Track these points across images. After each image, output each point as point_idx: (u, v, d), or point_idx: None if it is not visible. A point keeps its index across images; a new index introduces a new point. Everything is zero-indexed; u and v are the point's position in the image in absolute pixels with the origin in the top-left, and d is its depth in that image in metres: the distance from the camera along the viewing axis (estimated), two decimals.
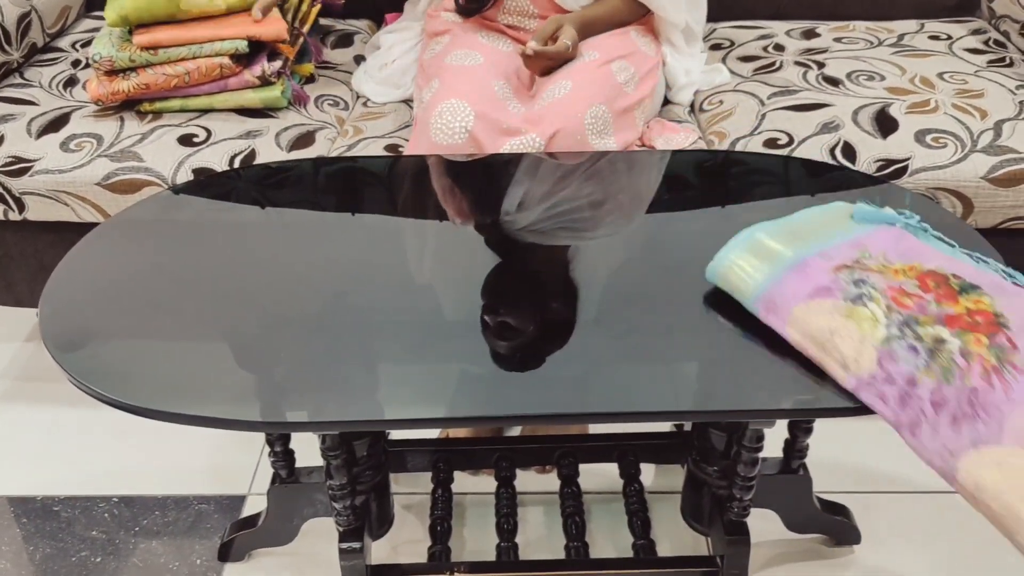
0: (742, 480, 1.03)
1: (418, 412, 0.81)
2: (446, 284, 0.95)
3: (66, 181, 1.30)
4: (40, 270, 1.43)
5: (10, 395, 1.54)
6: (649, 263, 1.01)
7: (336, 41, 1.70)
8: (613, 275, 0.99)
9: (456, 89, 1.23)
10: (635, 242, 1.06)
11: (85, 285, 0.95)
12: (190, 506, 1.32)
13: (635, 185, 1.17)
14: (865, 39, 1.62)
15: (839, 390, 0.79)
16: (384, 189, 1.19)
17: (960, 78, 1.45)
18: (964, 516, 1.27)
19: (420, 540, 1.23)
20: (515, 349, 0.84)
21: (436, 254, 1.03)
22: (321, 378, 0.82)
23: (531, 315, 0.89)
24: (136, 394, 0.80)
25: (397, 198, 1.17)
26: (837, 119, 1.35)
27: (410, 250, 1.04)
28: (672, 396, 0.81)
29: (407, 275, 0.93)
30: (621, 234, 1.08)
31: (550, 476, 1.33)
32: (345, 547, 1.05)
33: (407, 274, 0.93)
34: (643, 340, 0.87)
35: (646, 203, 1.13)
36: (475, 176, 1.19)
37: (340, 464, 1.00)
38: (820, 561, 1.22)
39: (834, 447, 1.38)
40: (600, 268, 1.00)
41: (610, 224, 1.09)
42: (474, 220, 1.09)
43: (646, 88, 1.34)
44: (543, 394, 0.81)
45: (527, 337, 0.86)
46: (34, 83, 1.50)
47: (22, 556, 1.26)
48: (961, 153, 1.27)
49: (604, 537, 1.25)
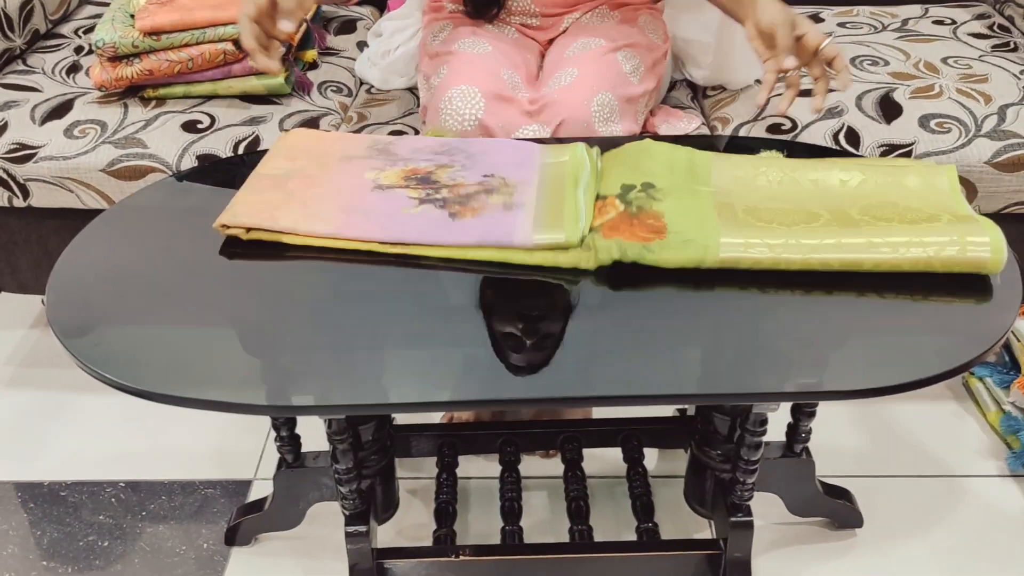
0: (745, 464, 1.03)
1: (423, 396, 0.81)
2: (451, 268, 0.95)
3: (70, 167, 1.30)
4: (44, 256, 1.43)
5: (16, 381, 1.55)
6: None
7: (339, 27, 1.70)
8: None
9: (466, 75, 1.23)
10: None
11: (91, 271, 0.96)
12: (196, 490, 1.33)
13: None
14: (869, 24, 1.61)
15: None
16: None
17: (964, 63, 1.45)
18: (965, 500, 1.28)
19: (425, 524, 1.23)
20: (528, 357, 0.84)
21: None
22: (327, 362, 0.82)
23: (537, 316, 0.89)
24: (143, 378, 0.80)
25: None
26: (841, 104, 1.35)
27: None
28: (675, 380, 0.82)
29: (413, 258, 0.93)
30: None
31: (554, 460, 1.34)
32: (351, 531, 1.06)
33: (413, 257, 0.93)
34: (645, 324, 0.87)
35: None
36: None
37: (346, 448, 1.01)
38: (822, 544, 1.23)
39: (837, 431, 1.39)
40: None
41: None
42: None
43: (651, 81, 1.32)
44: (547, 378, 0.81)
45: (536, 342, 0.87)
46: (37, 69, 1.50)
47: (29, 541, 1.27)
48: (965, 138, 1.27)
49: (608, 521, 1.25)
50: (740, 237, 0.90)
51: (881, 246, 0.88)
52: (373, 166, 1.04)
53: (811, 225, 0.92)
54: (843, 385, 0.80)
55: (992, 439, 1.37)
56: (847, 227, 0.91)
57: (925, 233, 0.89)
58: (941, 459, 1.35)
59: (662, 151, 1.03)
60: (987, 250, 0.87)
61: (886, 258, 0.87)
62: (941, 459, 1.35)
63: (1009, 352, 1.39)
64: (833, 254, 0.88)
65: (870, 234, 0.89)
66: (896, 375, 0.79)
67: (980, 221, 0.90)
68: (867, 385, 0.79)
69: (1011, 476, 1.31)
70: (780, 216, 0.94)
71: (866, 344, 0.84)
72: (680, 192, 0.98)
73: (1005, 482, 1.31)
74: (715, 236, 0.90)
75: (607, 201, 0.97)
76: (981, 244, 0.87)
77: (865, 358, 0.83)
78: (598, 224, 0.94)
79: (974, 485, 1.30)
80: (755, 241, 0.89)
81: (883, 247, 0.88)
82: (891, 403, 1.42)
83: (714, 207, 0.95)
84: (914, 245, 0.87)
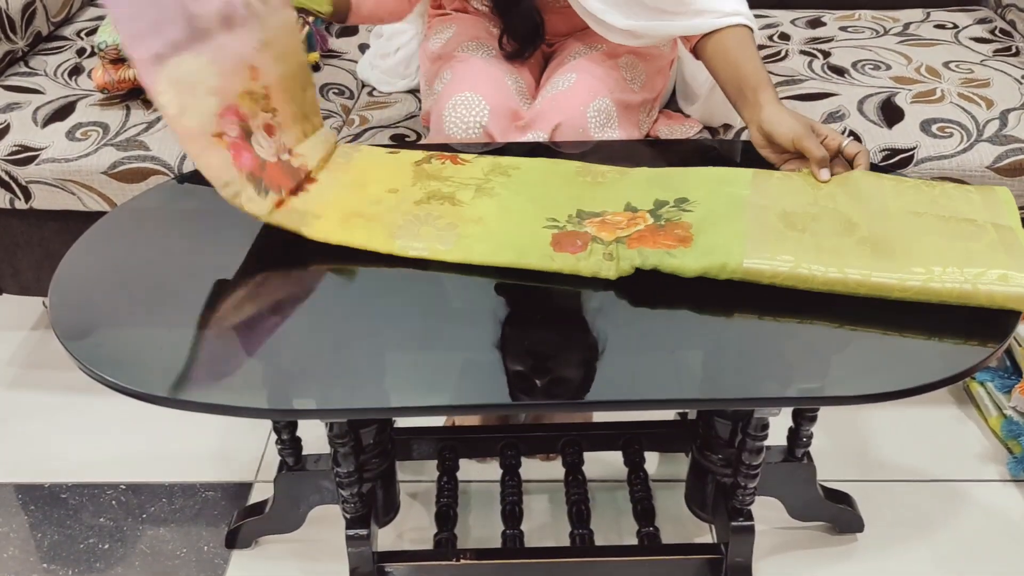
0: (746, 468, 1.03)
1: (424, 400, 0.81)
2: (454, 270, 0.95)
3: (72, 170, 1.30)
4: (46, 258, 1.43)
5: (17, 383, 1.55)
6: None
7: (341, 30, 1.70)
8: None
9: (469, 82, 1.22)
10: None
11: (93, 273, 0.96)
12: (197, 493, 1.33)
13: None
14: (871, 28, 1.62)
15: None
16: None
17: (966, 67, 1.45)
18: (966, 505, 1.28)
19: (426, 527, 1.23)
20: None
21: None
22: (328, 365, 0.82)
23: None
24: (145, 381, 0.80)
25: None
26: (843, 108, 1.35)
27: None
28: (677, 384, 0.82)
29: (414, 260, 0.93)
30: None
31: (555, 464, 1.34)
32: (352, 534, 1.06)
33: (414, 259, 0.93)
34: (647, 328, 0.87)
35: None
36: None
37: (347, 452, 1.01)
38: (823, 549, 1.22)
39: (838, 435, 1.39)
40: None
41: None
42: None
43: (653, 90, 1.31)
44: (549, 382, 0.81)
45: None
46: (39, 72, 1.51)
47: (30, 543, 1.26)
48: (967, 142, 1.27)
49: (609, 525, 1.25)
50: (767, 251, 0.87)
51: (914, 271, 0.85)
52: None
53: (844, 238, 0.89)
54: (845, 391, 0.80)
55: (993, 444, 1.37)
56: (880, 242, 0.88)
57: (963, 258, 0.85)
58: (942, 464, 1.34)
59: (702, 171, 1.03)
60: None
61: (917, 286, 0.84)
62: (942, 464, 1.34)
63: (1011, 357, 1.38)
64: (863, 275, 0.85)
65: (904, 252, 0.86)
66: (898, 380, 0.79)
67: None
68: (869, 391, 0.79)
69: (1012, 481, 1.31)
70: (814, 221, 0.92)
71: (868, 349, 0.83)
72: (712, 200, 0.96)
73: (1006, 487, 1.31)
74: (740, 245, 0.88)
75: (638, 214, 0.96)
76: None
77: (867, 363, 0.82)
78: (624, 235, 0.92)
79: (975, 490, 1.30)
80: (784, 258, 0.87)
81: (916, 271, 0.85)
82: (892, 407, 1.41)
83: (745, 212, 0.93)
84: (950, 272, 0.84)
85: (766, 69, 1.10)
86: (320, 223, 0.96)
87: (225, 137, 0.92)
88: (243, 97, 0.95)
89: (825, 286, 0.86)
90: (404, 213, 0.98)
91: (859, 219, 0.92)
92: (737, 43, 1.12)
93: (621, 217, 0.96)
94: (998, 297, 0.83)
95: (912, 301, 0.85)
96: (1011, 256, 0.86)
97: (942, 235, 0.90)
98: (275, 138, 0.99)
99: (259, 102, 0.97)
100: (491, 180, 1.04)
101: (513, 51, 1.30)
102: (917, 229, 0.91)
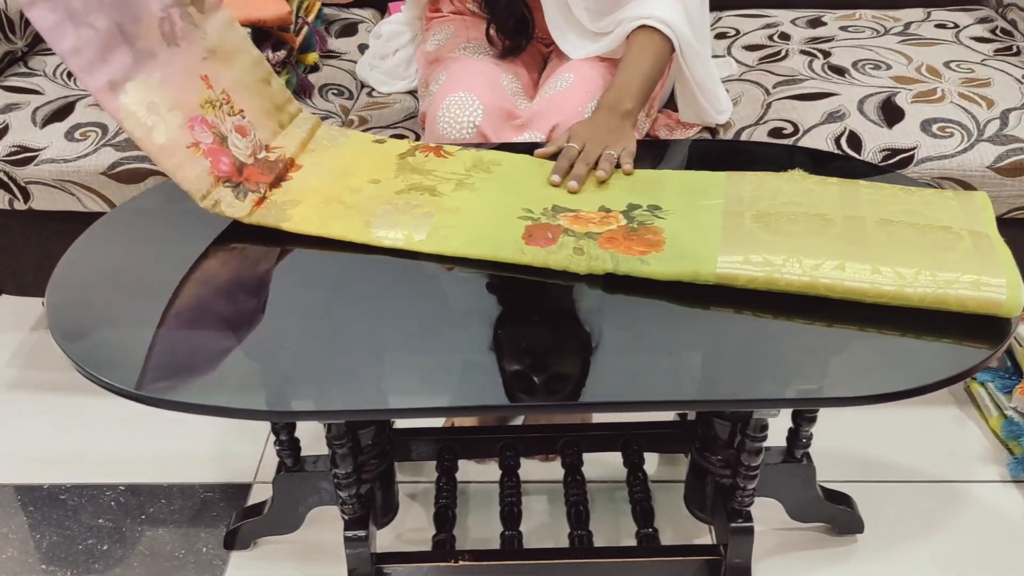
0: (746, 469, 1.03)
1: (423, 401, 0.81)
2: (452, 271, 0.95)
3: (71, 170, 1.30)
4: (45, 259, 1.43)
5: (15, 384, 1.55)
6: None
7: (340, 30, 1.70)
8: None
9: (464, 82, 1.22)
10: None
11: (91, 274, 0.95)
12: (196, 494, 1.33)
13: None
14: (871, 27, 1.61)
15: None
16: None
17: (967, 67, 1.44)
18: (967, 506, 1.27)
19: (425, 528, 1.23)
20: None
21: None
22: (326, 367, 0.82)
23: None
24: (142, 383, 0.80)
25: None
26: (843, 108, 1.34)
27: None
28: (676, 385, 0.81)
29: (412, 262, 0.93)
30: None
31: (554, 465, 1.33)
32: (350, 535, 1.06)
33: (412, 261, 0.93)
34: (646, 329, 0.87)
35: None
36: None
37: (345, 453, 1.01)
38: (823, 550, 1.22)
39: (837, 436, 1.38)
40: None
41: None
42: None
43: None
44: (548, 383, 0.81)
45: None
46: (39, 72, 1.50)
47: (28, 544, 1.26)
48: (967, 142, 1.27)
49: (608, 526, 1.25)
50: (740, 253, 0.88)
51: (888, 274, 0.85)
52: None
53: (819, 238, 0.90)
54: (845, 391, 0.80)
55: (994, 444, 1.37)
56: (855, 244, 0.88)
57: (936, 264, 0.85)
58: (942, 464, 1.34)
59: (676, 178, 1.04)
60: (1003, 292, 0.83)
61: (891, 290, 0.84)
62: (942, 464, 1.34)
63: (1011, 357, 1.38)
64: (836, 278, 0.85)
65: (878, 258, 0.86)
66: (898, 381, 0.79)
67: (999, 252, 0.87)
68: (869, 391, 0.79)
69: (1013, 482, 1.31)
70: (789, 223, 0.92)
71: (867, 350, 0.83)
72: (686, 211, 0.97)
73: (1007, 488, 1.30)
74: (713, 251, 0.89)
75: (611, 214, 0.97)
76: (996, 285, 0.83)
77: (867, 364, 0.82)
78: (596, 232, 0.94)
79: (975, 491, 1.30)
80: (755, 258, 0.88)
81: (889, 275, 0.85)
82: (892, 408, 1.41)
83: (720, 220, 0.95)
84: (923, 277, 0.84)
85: (639, 82, 1.15)
86: (299, 210, 0.98)
87: (201, 145, 0.95)
88: (205, 107, 0.97)
89: (801, 290, 0.86)
90: (383, 202, 1.00)
91: (835, 217, 0.93)
92: (638, 48, 1.18)
93: (595, 215, 0.98)
94: (970, 303, 0.83)
95: (888, 305, 0.85)
96: (985, 263, 0.86)
97: (917, 245, 0.90)
98: (249, 137, 1.01)
99: (222, 107, 0.99)
100: (472, 176, 1.05)
101: (504, 47, 1.30)
102: (892, 238, 0.91)
